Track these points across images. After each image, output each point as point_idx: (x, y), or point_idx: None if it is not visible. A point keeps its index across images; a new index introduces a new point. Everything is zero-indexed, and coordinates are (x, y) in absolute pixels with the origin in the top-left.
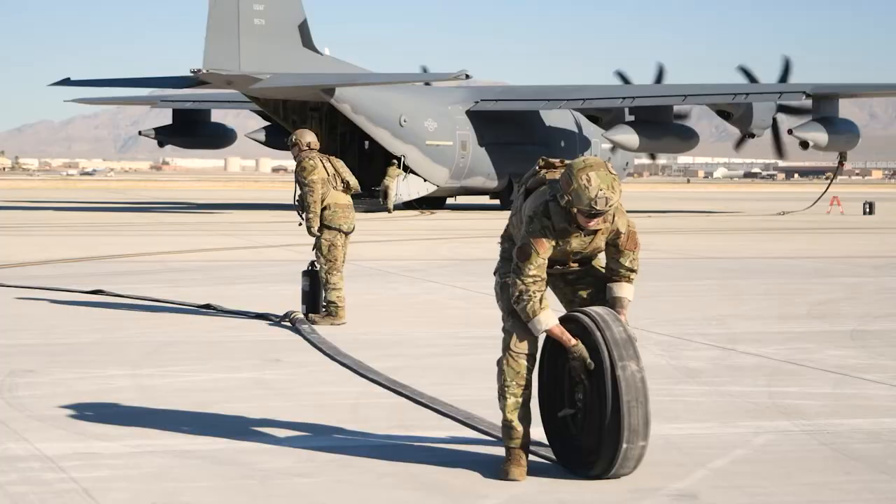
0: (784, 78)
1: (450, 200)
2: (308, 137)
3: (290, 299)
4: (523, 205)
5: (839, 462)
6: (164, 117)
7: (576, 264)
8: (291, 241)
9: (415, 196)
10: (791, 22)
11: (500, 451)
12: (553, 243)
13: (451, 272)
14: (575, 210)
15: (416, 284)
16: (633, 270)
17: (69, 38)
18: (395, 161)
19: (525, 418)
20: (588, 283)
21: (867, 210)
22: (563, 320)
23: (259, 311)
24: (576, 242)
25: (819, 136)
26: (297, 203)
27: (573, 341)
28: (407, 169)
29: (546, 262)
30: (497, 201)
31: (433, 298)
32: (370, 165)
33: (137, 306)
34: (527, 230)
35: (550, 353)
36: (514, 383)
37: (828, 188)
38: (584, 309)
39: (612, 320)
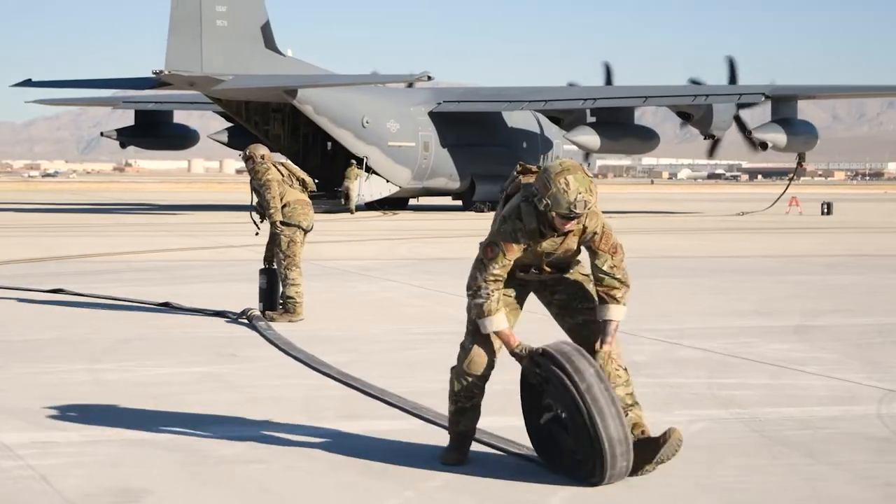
0: (733, 79)
1: (413, 201)
2: (262, 150)
3: (249, 297)
4: (502, 210)
5: (768, 447)
6: (127, 119)
7: (550, 269)
8: (252, 241)
9: (377, 197)
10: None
11: (445, 437)
12: (523, 246)
13: (409, 271)
14: (553, 213)
15: (374, 283)
16: (616, 279)
17: (31, 39)
18: (353, 161)
19: (471, 418)
20: (565, 287)
21: (825, 210)
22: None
23: (217, 308)
24: (547, 244)
25: (778, 136)
26: (254, 211)
27: (516, 342)
28: (369, 170)
29: (510, 263)
30: (459, 202)
31: (390, 296)
32: (333, 166)
33: (97, 305)
34: (499, 229)
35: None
36: (462, 396)
37: (786, 189)
38: (552, 352)
39: (580, 362)
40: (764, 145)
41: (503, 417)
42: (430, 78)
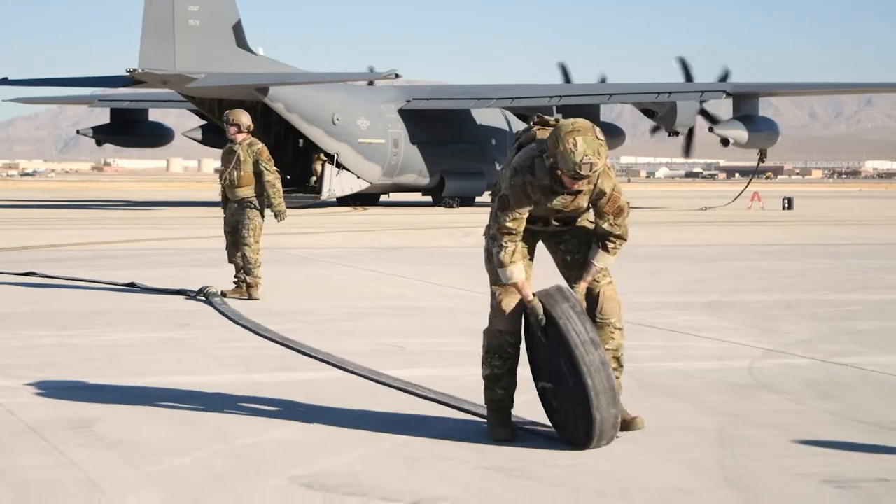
0: (688, 78)
1: (384, 197)
2: (248, 120)
3: (209, 279)
4: (513, 158)
5: (643, 391)
6: (106, 117)
7: (558, 223)
8: (220, 232)
9: (348, 192)
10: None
11: (364, 382)
12: (534, 199)
13: (366, 259)
14: (559, 171)
15: (331, 268)
16: (614, 235)
17: (5, 38)
18: (317, 155)
19: (507, 386)
20: (571, 237)
21: (786, 206)
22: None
23: (178, 288)
24: (557, 201)
25: (739, 133)
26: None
27: (530, 297)
28: (339, 166)
29: (524, 217)
30: (429, 198)
31: (343, 279)
32: (305, 162)
33: (67, 286)
34: (510, 183)
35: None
36: (495, 355)
37: (748, 185)
38: (542, 293)
39: (562, 300)
40: (725, 142)
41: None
42: (397, 76)
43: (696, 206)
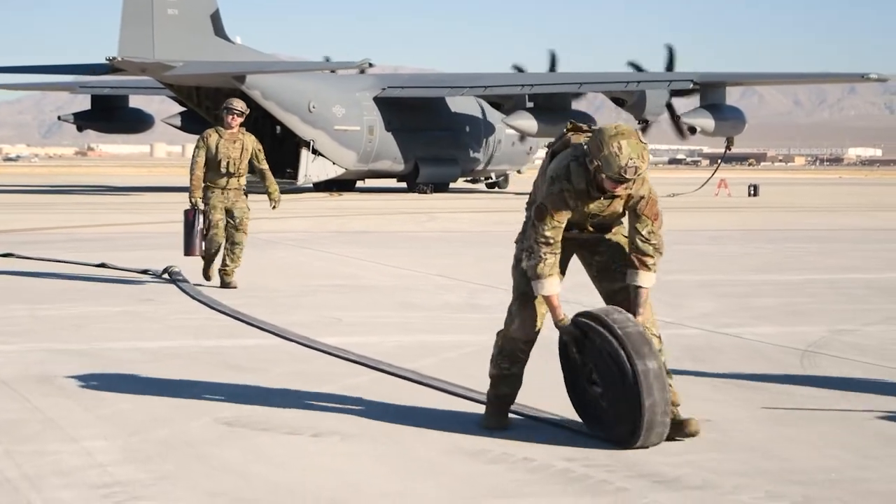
0: (670, 66)
1: (360, 184)
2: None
3: (176, 261)
4: (548, 167)
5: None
6: (88, 103)
7: (594, 229)
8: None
9: (323, 178)
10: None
11: (298, 347)
12: (571, 206)
13: (328, 242)
14: (603, 175)
15: (292, 250)
16: (651, 246)
17: None
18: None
19: (513, 385)
20: (605, 248)
21: (751, 192)
22: (577, 315)
23: (145, 268)
24: (594, 205)
25: (706, 122)
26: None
27: (561, 316)
28: (316, 152)
29: (562, 226)
30: (404, 184)
31: (301, 260)
32: (282, 149)
33: (42, 266)
34: (547, 191)
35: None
36: (506, 359)
37: (715, 172)
38: (595, 312)
39: (623, 319)
40: (693, 130)
41: None
42: (371, 65)
43: (665, 192)
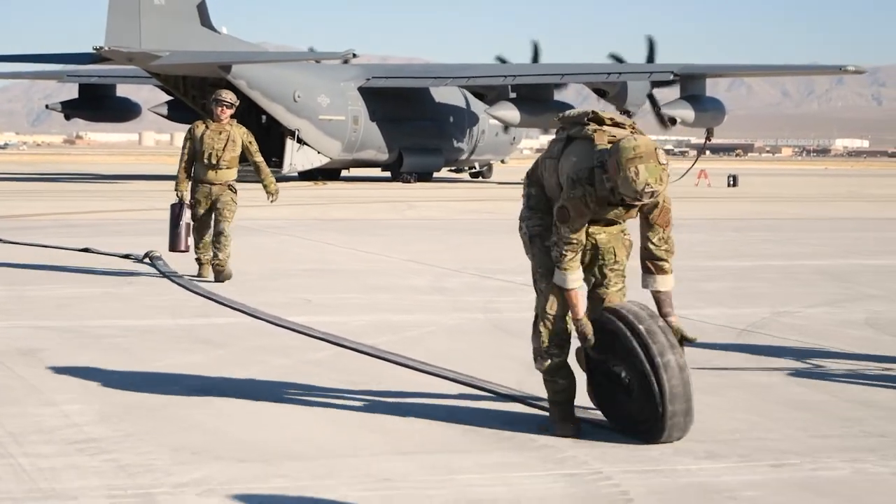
0: (651, 57)
1: (345, 173)
2: (235, 99)
3: (157, 245)
4: (563, 152)
5: (492, 331)
6: (76, 92)
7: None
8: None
9: (308, 167)
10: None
11: (266, 325)
12: (591, 210)
13: (307, 229)
14: (619, 192)
15: (271, 237)
16: (663, 251)
17: None
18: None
19: (568, 375)
20: (599, 237)
21: (731, 183)
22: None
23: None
24: (612, 212)
25: (686, 113)
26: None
27: (581, 315)
28: (301, 142)
29: (584, 226)
30: (388, 174)
31: (279, 247)
32: (267, 138)
33: (28, 250)
34: (568, 194)
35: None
36: (552, 344)
37: (695, 162)
38: (617, 309)
39: (646, 315)
40: (673, 121)
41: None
42: (355, 55)
43: None
